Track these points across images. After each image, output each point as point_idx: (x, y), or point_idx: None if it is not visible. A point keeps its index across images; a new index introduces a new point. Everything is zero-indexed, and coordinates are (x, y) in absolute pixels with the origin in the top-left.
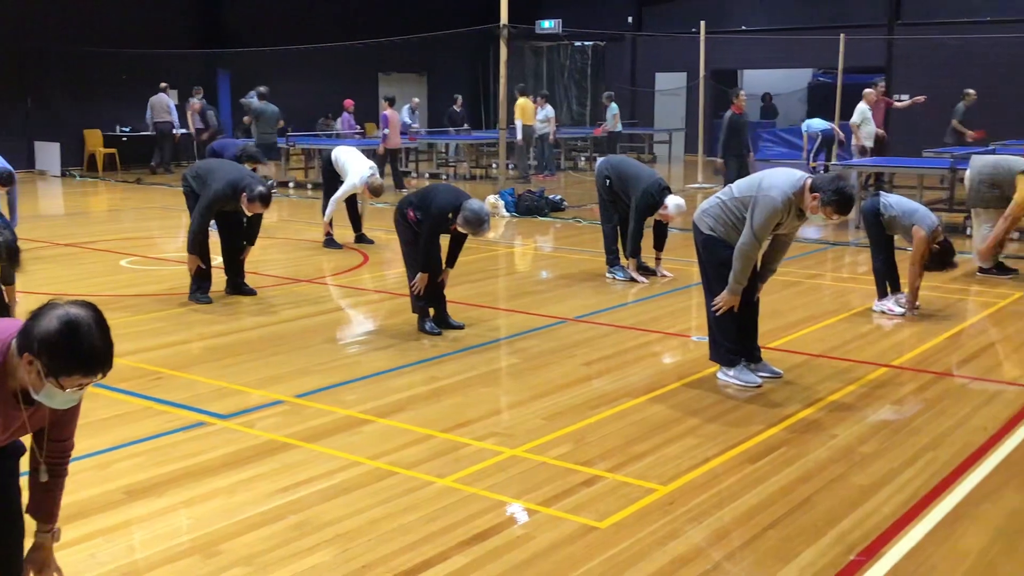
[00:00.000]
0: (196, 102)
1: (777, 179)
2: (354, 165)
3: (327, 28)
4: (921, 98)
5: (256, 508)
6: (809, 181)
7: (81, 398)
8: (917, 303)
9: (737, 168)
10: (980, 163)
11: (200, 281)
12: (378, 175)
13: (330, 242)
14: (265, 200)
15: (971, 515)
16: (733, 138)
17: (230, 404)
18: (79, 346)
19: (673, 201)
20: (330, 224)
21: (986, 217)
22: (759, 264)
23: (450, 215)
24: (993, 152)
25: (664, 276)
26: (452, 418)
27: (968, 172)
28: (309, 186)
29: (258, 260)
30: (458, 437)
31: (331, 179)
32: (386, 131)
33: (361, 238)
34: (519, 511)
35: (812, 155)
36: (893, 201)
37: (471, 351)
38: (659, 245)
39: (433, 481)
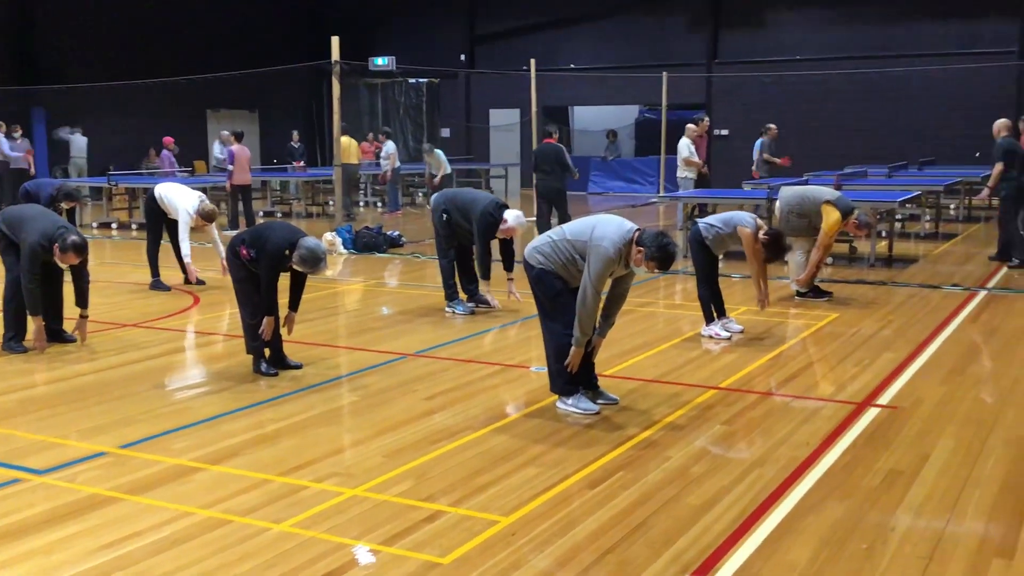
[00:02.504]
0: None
1: (608, 229)
2: (181, 199)
3: (153, 64)
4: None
5: (77, 567)
6: (636, 234)
7: None
8: (766, 299)
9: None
10: (788, 194)
11: (15, 329)
12: (207, 200)
13: (157, 284)
14: (79, 249)
15: (797, 528)
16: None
17: (48, 458)
18: None
19: (512, 214)
20: (187, 263)
21: (797, 245)
22: (598, 318)
23: (286, 252)
24: (805, 183)
25: (517, 298)
26: (289, 461)
27: (778, 203)
28: (133, 226)
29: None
30: (296, 480)
31: (154, 219)
32: (230, 167)
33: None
34: (361, 552)
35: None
36: (711, 220)
37: (309, 391)
38: (509, 266)
39: (270, 527)
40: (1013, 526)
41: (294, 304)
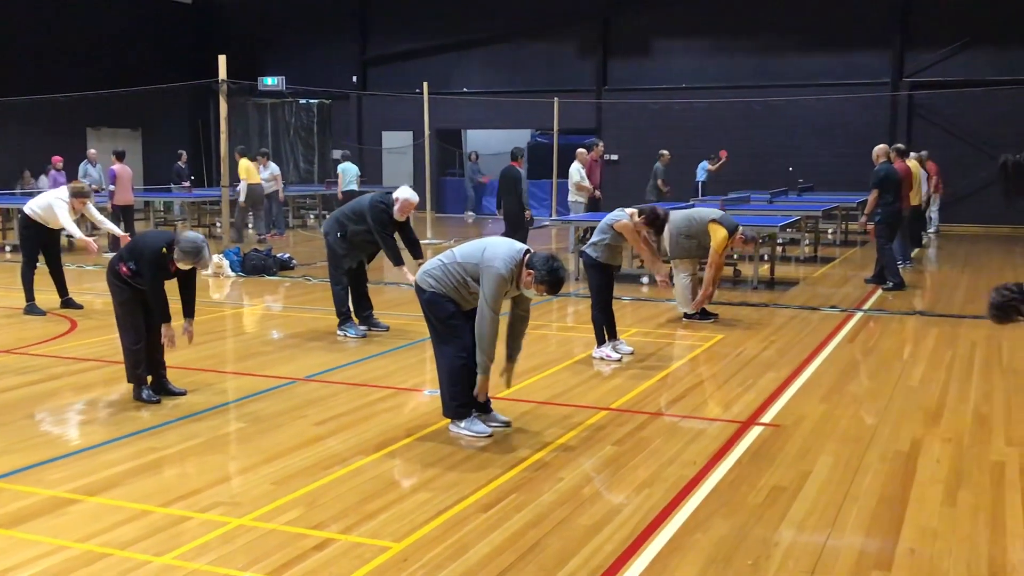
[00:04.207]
0: None
1: (499, 251)
2: (50, 196)
3: (31, 81)
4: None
5: None
6: (526, 256)
7: None
8: (665, 280)
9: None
10: (677, 218)
11: None
12: (79, 181)
13: (32, 308)
14: None
15: (685, 546)
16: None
17: None
18: None
19: (400, 192)
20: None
21: (683, 267)
22: (505, 345)
23: (164, 250)
24: (691, 207)
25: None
26: (173, 490)
27: (667, 228)
28: (7, 248)
29: None
30: (179, 511)
31: (30, 241)
32: (112, 187)
33: (68, 303)
34: None
35: None
36: (591, 239)
37: (195, 418)
38: (416, 253)
39: (151, 560)
40: (890, 539)
41: (189, 310)
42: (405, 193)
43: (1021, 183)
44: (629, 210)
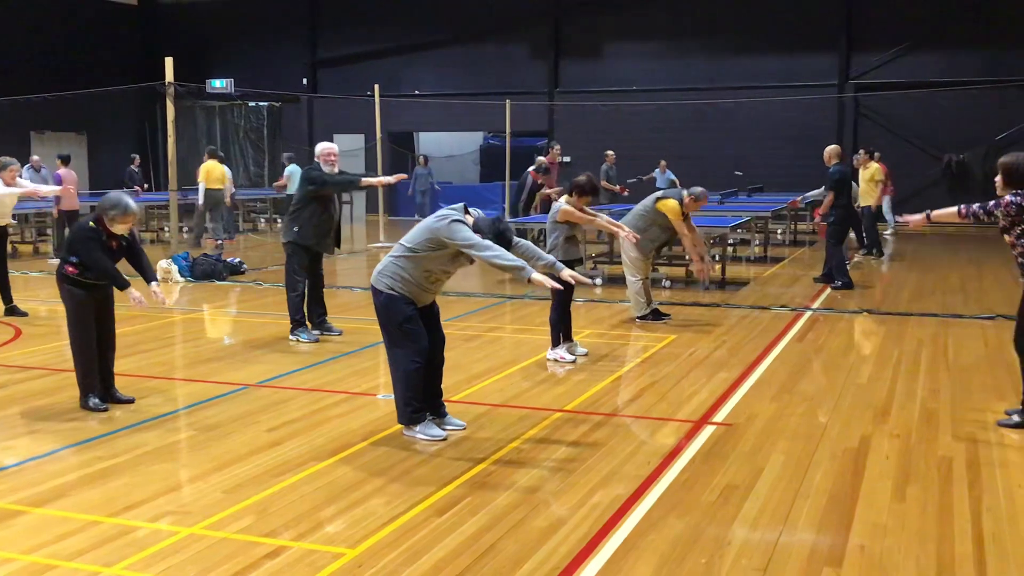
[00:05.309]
0: None
1: (441, 213)
2: None
3: None
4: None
5: None
6: (472, 220)
7: None
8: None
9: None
10: (629, 217)
11: None
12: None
13: None
14: None
15: (640, 546)
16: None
17: None
18: None
19: (317, 148)
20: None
21: (633, 269)
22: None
23: (92, 224)
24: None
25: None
26: (121, 500)
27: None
28: None
29: None
30: (128, 520)
31: None
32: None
33: (12, 310)
34: None
35: None
36: (548, 242)
37: (143, 426)
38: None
39: (99, 571)
40: (841, 535)
41: (148, 275)
42: (320, 147)
43: (964, 182)
44: (566, 197)
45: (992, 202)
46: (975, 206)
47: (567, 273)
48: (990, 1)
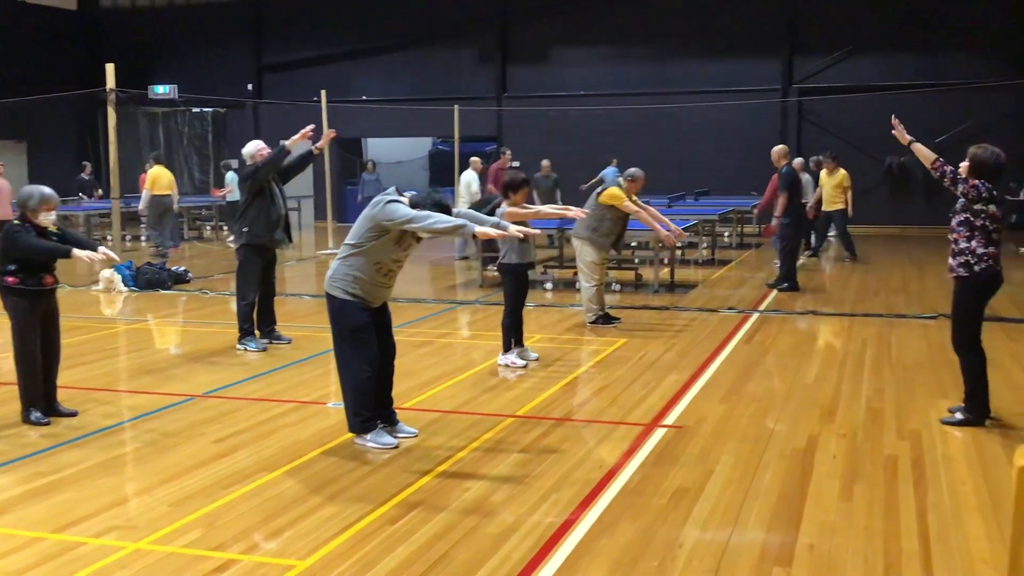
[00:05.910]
0: None
1: (375, 199)
2: None
3: None
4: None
5: None
6: (407, 199)
7: None
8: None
9: None
10: (578, 226)
11: None
12: None
13: None
14: None
15: (592, 551)
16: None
17: None
18: None
19: (249, 147)
20: None
21: (589, 274)
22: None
23: (16, 222)
24: None
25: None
26: (64, 516)
27: (574, 240)
28: None
29: None
30: (72, 536)
31: None
32: None
33: None
34: None
35: None
36: (501, 247)
37: (87, 439)
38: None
39: None
40: (790, 535)
41: (88, 245)
42: (251, 147)
43: (906, 185)
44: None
45: (961, 177)
46: (948, 166)
47: (514, 229)
48: (928, 6)
